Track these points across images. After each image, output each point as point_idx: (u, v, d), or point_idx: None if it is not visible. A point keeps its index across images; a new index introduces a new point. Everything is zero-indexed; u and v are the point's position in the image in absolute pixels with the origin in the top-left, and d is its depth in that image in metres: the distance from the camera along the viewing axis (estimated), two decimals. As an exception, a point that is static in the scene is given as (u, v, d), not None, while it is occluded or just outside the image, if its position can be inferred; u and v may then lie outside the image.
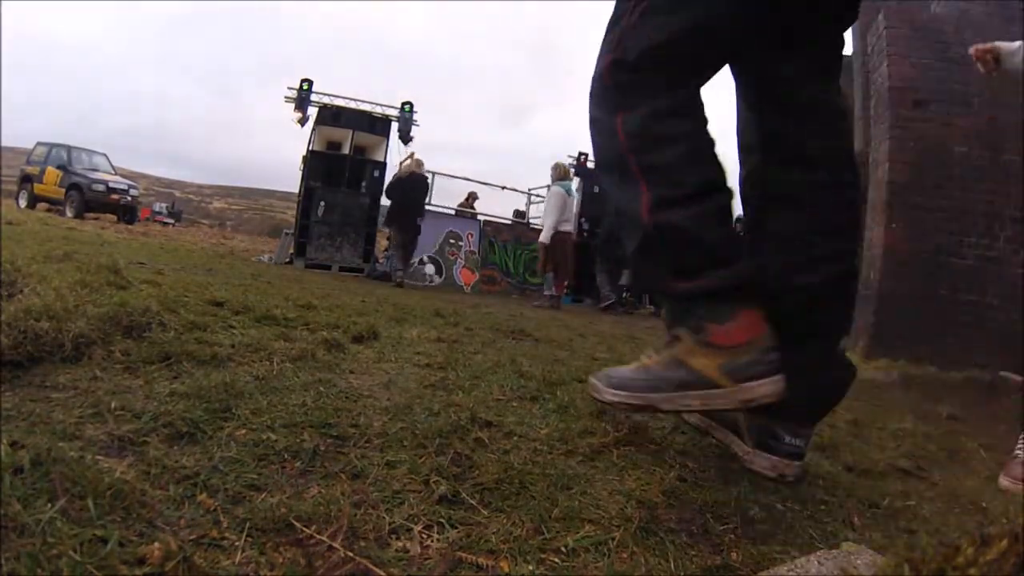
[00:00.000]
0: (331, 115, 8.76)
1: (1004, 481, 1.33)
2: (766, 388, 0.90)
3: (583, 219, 8.70)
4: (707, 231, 0.93)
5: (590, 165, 9.87)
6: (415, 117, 9.15)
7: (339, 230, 8.48)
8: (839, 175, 1.03)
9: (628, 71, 0.97)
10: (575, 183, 6.54)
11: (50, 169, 13.11)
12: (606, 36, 1.03)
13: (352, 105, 8.92)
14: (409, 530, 0.64)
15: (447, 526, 0.66)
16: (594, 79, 1.04)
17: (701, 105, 0.99)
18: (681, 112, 0.96)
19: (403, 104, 9.06)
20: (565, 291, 7.18)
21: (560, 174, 6.86)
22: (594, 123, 1.04)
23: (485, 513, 0.71)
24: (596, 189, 8.49)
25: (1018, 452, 1.39)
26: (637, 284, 1.12)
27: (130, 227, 11.75)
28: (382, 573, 0.54)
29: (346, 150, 8.86)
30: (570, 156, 10.09)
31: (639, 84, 0.97)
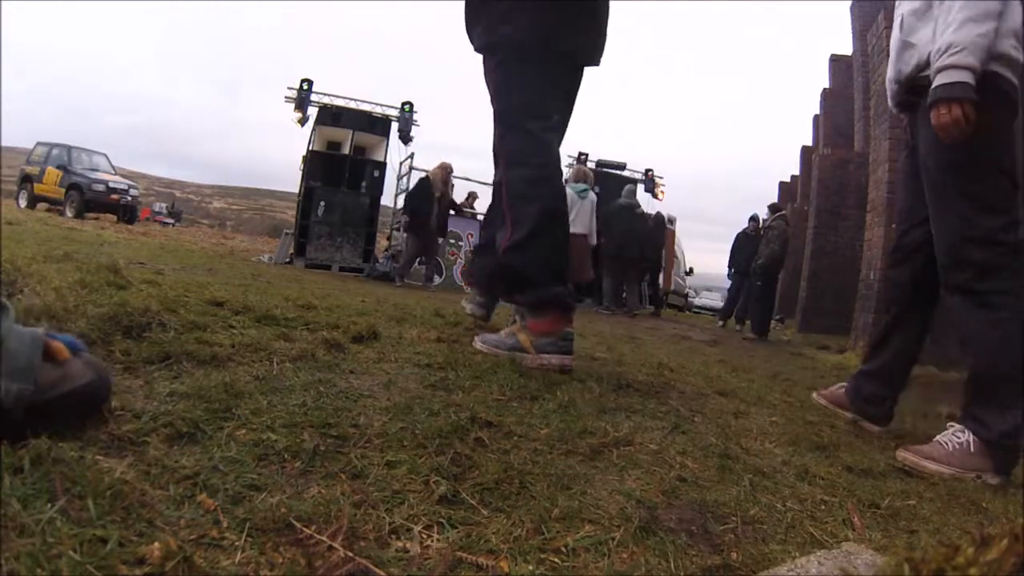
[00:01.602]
0: (331, 115, 8.76)
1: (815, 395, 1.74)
2: (555, 360, 1.55)
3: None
4: (533, 268, 1.59)
5: (590, 165, 9.79)
6: (415, 117, 9.15)
7: (339, 230, 8.48)
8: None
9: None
10: (579, 186, 6.47)
11: (50, 169, 13.10)
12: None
13: (352, 105, 8.92)
14: (409, 530, 0.64)
15: (447, 526, 0.66)
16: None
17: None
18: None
19: (403, 104, 9.05)
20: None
21: (576, 177, 6.78)
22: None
23: (485, 513, 0.71)
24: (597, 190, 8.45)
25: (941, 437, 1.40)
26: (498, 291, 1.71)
27: (130, 227, 11.75)
28: (382, 573, 0.54)
29: (346, 150, 8.86)
30: (570, 156, 10.05)
31: None
